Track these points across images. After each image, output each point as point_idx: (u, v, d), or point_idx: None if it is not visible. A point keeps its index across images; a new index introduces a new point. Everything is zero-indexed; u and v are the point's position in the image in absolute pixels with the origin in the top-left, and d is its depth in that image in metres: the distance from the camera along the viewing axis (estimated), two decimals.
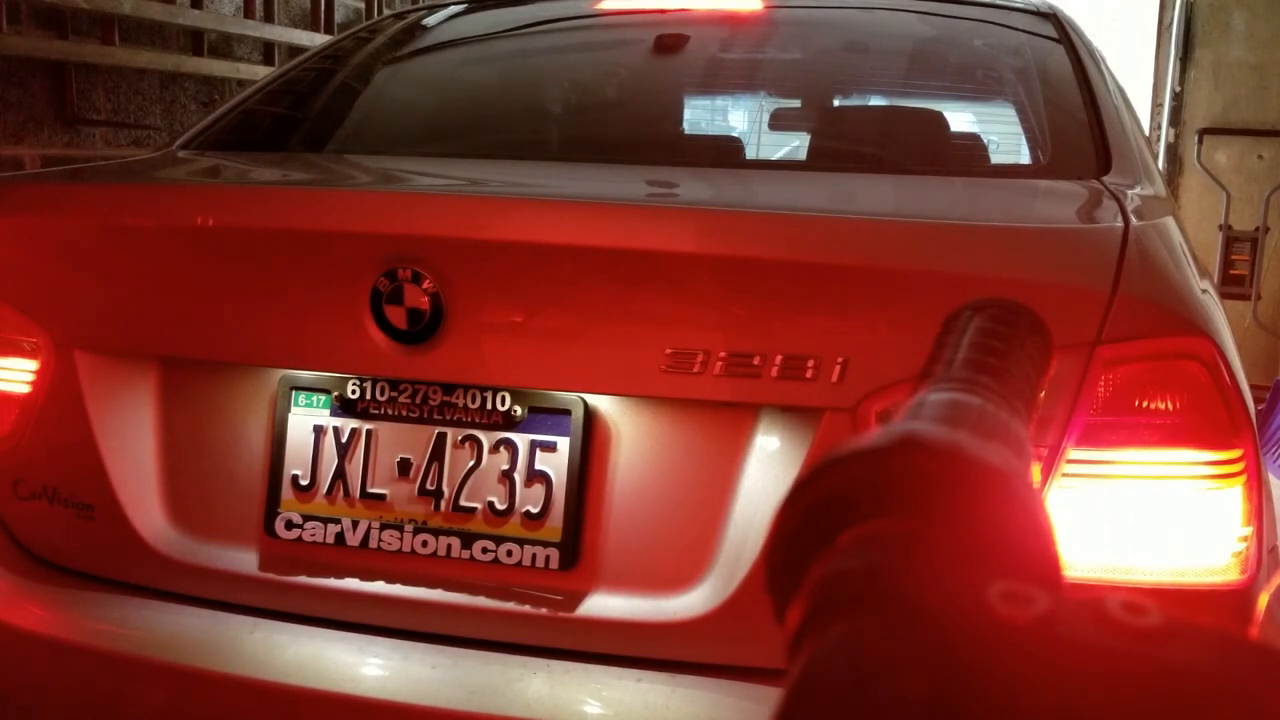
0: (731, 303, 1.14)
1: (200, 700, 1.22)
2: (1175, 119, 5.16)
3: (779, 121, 2.18)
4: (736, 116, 2.41)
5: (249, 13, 2.98)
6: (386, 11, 3.73)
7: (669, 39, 1.98)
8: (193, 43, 2.78)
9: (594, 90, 1.98)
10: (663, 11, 2.04)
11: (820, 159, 1.88)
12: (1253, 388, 4.90)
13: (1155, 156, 1.72)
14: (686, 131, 2.04)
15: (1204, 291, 1.21)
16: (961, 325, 0.45)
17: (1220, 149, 5.09)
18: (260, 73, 3.04)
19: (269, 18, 3.05)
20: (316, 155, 1.84)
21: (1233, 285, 4.91)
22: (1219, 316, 1.20)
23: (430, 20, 2.28)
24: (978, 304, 0.47)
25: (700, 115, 2.21)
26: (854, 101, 2.12)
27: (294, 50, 3.22)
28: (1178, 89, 5.14)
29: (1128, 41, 6.37)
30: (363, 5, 3.61)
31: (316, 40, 3.26)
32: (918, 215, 1.29)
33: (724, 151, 1.98)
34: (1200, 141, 5.03)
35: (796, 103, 2.19)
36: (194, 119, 2.85)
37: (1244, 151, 5.08)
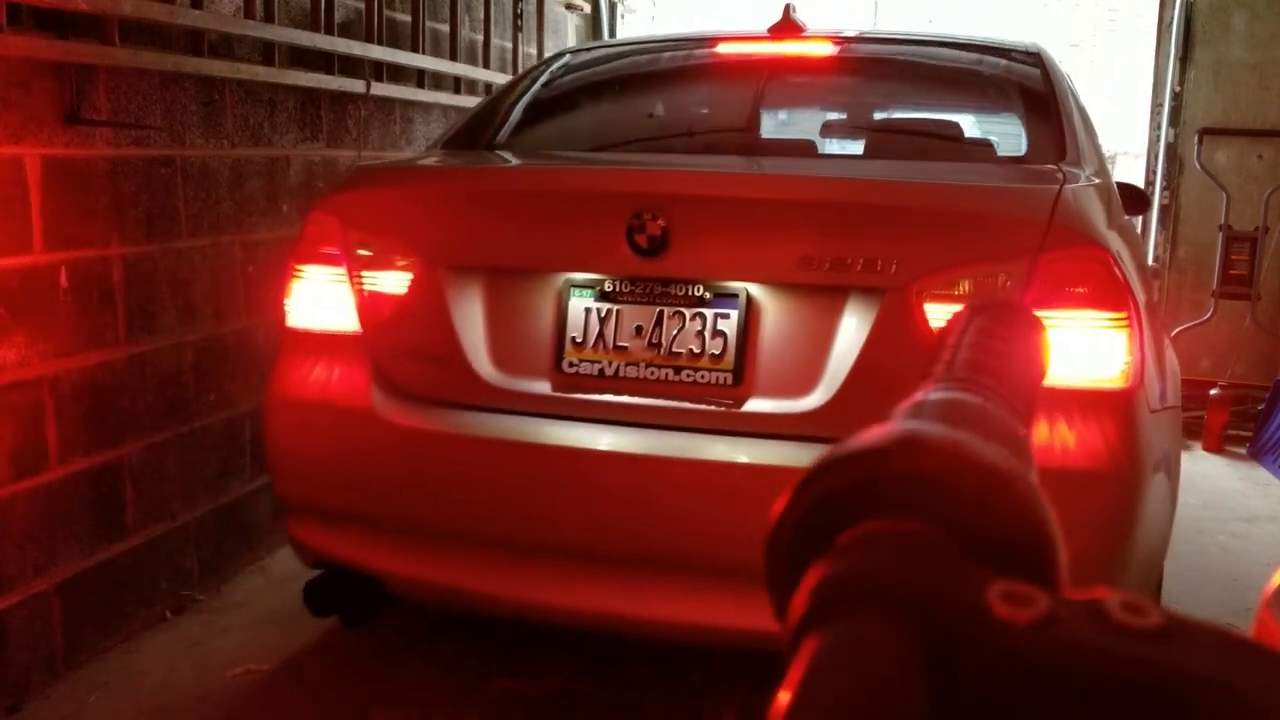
0: (834, 228, 2.01)
1: (518, 458, 2.08)
2: (1175, 119, 5.15)
3: (861, 129, 3.17)
4: (837, 126, 3.50)
5: (249, 13, 2.97)
6: (387, 14, 3.72)
7: (785, 75, 3.03)
8: (193, 43, 2.77)
9: (752, 109, 2.89)
10: (770, 59, 3.00)
11: (883, 151, 2.80)
12: (1253, 388, 4.90)
13: (1100, 149, 2.66)
14: (805, 136, 3.17)
15: (1110, 227, 2.06)
16: (963, 325, 0.45)
17: (1220, 149, 5.08)
18: (261, 73, 3.03)
19: (269, 18, 3.04)
20: (551, 150, 2.81)
21: (1233, 285, 4.89)
22: (1119, 241, 2.05)
23: (605, 55, 3.39)
24: (978, 304, 0.46)
25: (818, 126, 3.31)
26: (903, 114, 3.24)
27: (295, 51, 3.21)
28: (1178, 89, 5.13)
29: (1128, 42, 6.35)
30: (363, 6, 3.60)
31: (318, 41, 3.25)
32: (945, 181, 2.19)
33: (828, 147, 3.12)
34: (1200, 141, 5.02)
35: (863, 115, 3.26)
36: (194, 119, 2.85)
37: (1244, 151, 5.07)
